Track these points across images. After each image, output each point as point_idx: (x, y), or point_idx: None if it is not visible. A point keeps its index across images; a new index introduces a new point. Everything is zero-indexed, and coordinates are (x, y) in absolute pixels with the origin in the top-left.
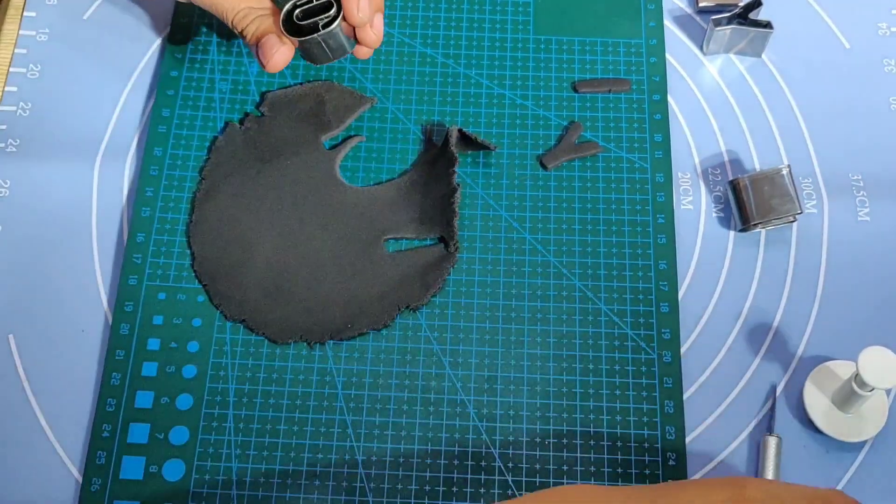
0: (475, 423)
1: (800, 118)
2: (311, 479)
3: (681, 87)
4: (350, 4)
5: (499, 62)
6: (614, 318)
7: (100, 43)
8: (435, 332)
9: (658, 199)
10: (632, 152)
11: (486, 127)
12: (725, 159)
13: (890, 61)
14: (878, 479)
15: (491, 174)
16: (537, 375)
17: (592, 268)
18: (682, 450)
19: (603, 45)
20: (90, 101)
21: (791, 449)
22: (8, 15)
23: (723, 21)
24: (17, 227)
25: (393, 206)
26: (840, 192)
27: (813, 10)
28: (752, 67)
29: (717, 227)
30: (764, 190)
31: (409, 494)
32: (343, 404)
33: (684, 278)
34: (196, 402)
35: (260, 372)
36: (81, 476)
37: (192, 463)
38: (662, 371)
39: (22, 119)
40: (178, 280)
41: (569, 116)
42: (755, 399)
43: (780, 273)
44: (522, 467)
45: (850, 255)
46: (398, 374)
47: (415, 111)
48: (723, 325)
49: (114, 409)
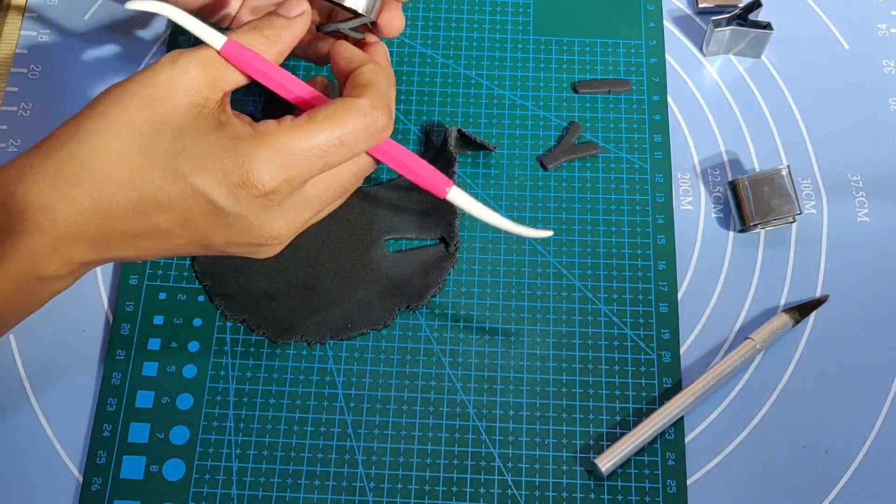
0: (475, 423)
1: (799, 119)
2: (311, 479)
3: (680, 87)
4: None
5: (499, 63)
6: (614, 319)
7: (101, 43)
8: (435, 332)
9: (658, 199)
10: (631, 153)
11: (486, 127)
12: (725, 160)
13: (889, 62)
14: (877, 479)
15: (491, 174)
16: (537, 375)
17: (592, 268)
18: (682, 449)
19: (603, 46)
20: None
21: (790, 448)
22: (8, 15)
23: (722, 22)
24: None
25: (393, 206)
26: (839, 193)
27: (812, 11)
28: (751, 68)
29: (717, 228)
30: (763, 190)
31: (408, 494)
32: (343, 404)
33: (684, 279)
34: (196, 401)
35: (260, 372)
36: (81, 476)
37: (193, 463)
38: (662, 371)
39: (22, 119)
40: (178, 280)
41: (568, 117)
42: (755, 398)
43: (780, 274)
44: (522, 467)
45: (849, 255)
46: (398, 374)
47: (415, 111)
48: (722, 325)
49: (114, 409)
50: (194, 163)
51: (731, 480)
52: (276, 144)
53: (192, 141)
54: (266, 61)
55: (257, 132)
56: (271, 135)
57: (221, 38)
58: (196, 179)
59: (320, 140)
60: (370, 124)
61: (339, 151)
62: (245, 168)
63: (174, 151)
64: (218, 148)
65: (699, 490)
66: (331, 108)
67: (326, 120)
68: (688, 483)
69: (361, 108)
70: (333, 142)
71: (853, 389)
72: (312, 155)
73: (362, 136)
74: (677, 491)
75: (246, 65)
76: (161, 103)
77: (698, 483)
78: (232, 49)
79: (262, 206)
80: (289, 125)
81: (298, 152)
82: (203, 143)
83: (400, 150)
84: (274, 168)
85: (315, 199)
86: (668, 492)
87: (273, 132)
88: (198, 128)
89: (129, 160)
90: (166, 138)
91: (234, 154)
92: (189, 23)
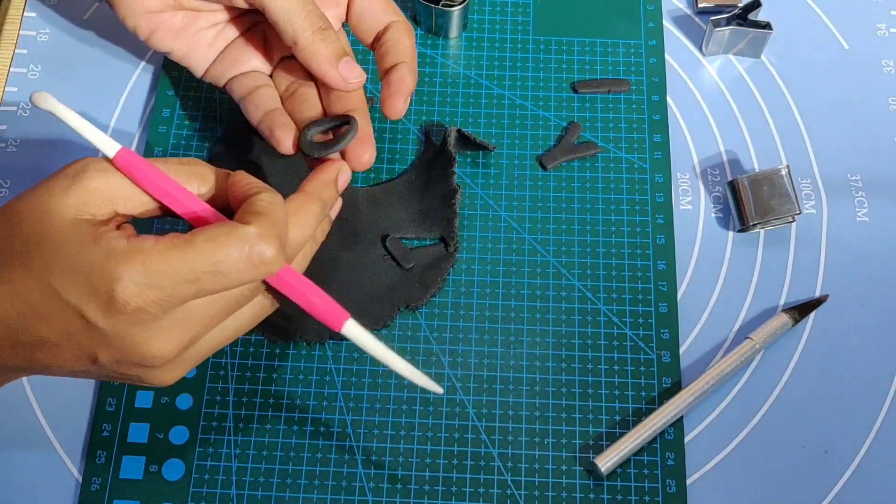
0: (475, 422)
1: (799, 119)
2: (310, 479)
3: (680, 87)
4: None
5: (498, 63)
6: (613, 319)
7: (100, 43)
8: (435, 332)
9: (657, 199)
10: (631, 153)
11: (486, 127)
12: (724, 160)
13: (889, 62)
14: (877, 479)
15: (490, 174)
16: (537, 375)
17: (592, 268)
18: (681, 449)
19: (602, 46)
20: (90, 101)
21: (790, 448)
22: (8, 15)
23: (722, 22)
24: None
25: (392, 206)
26: (839, 193)
27: (812, 10)
28: (751, 68)
29: (716, 228)
30: (763, 190)
31: (408, 494)
32: (343, 404)
33: (683, 278)
34: (196, 401)
35: (260, 372)
36: (81, 476)
37: (192, 463)
38: (661, 371)
39: (22, 119)
40: None
41: (568, 117)
42: (754, 398)
43: (779, 273)
44: (522, 467)
45: (848, 255)
46: (398, 373)
47: (414, 111)
48: (722, 325)
49: (114, 409)
50: (67, 278)
51: (730, 480)
52: (146, 263)
53: (68, 254)
54: (159, 171)
55: (131, 249)
56: (143, 252)
57: (115, 146)
58: (69, 294)
59: (193, 265)
60: (253, 255)
61: (214, 280)
62: (110, 286)
63: (51, 265)
64: (89, 262)
65: (699, 490)
66: (215, 230)
67: (206, 243)
68: (687, 483)
69: (247, 236)
70: (208, 268)
71: (853, 389)
72: (182, 279)
73: (242, 267)
74: (677, 491)
75: (137, 173)
76: (48, 215)
77: (698, 483)
78: (124, 157)
79: (132, 323)
80: (165, 244)
81: (167, 275)
82: (78, 257)
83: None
84: (139, 288)
85: (196, 321)
86: (667, 491)
87: (146, 250)
88: (77, 241)
89: (13, 271)
90: (47, 251)
91: (103, 270)
92: (85, 128)
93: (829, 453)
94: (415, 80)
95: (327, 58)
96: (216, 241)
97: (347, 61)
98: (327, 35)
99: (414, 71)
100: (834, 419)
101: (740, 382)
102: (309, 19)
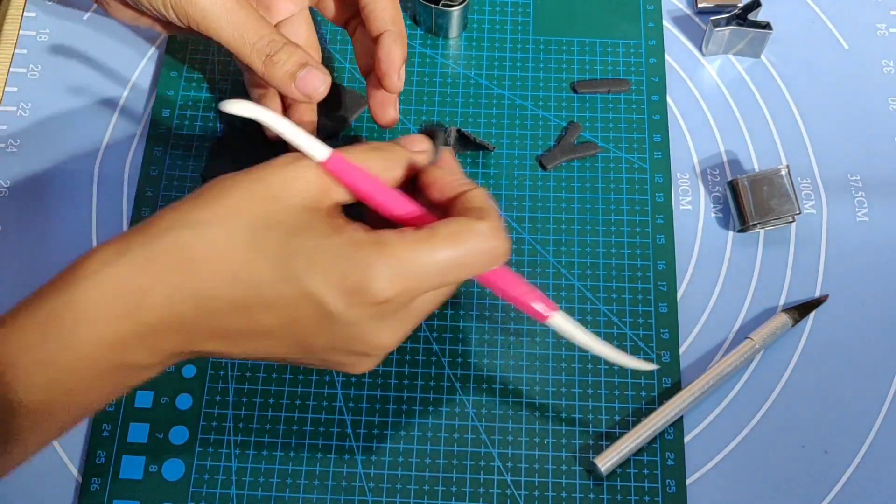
0: (475, 422)
1: (799, 119)
2: (310, 479)
3: (680, 87)
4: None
5: (498, 63)
6: (613, 319)
7: (100, 43)
8: (434, 332)
9: (657, 199)
10: (631, 153)
11: (486, 127)
12: (724, 160)
13: (889, 62)
14: (877, 479)
15: (490, 174)
16: (537, 375)
17: (591, 268)
18: (681, 449)
19: (602, 46)
20: (90, 101)
21: (790, 448)
22: (8, 15)
23: (722, 22)
24: (17, 228)
25: None
26: (839, 193)
27: (812, 10)
28: (751, 68)
29: (716, 228)
30: (763, 190)
31: (408, 494)
32: (343, 404)
33: (683, 279)
34: (196, 401)
35: (260, 372)
36: (81, 476)
37: (192, 463)
38: (661, 371)
39: (22, 119)
40: None
41: (568, 117)
42: (754, 399)
43: (779, 273)
44: (522, 467)
45: (848, 255)
46: (398, 374)
47: (414, 111)
48: (721, 325)
49: (113, 409)
50: (310, 264)
51: (730, 480)
52: (399, 255)
53: (307, 242)
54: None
55: (378, 240)
56: (393, 244)
57: (326, 150)
58: (310, 281)
59: (442, 257)
60: (492, 249)
61: (458, 271)
62: (365, 274)
63: (288, 250)
64: (336, 251)
65: (698, 490)
66: (453, 226)
67: (449, 237)
68: (687, 483)
69: (483, 231)
70: (456, 261)
71: (853, 389)
72: (433, 271)
73: (483, 260)
74: (676, 491)
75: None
76: (274, 201)
77: (698, 483)
78: (336, 162)
79: (373, 314)
80: (412, 238)
81: (420, 266)
82: (320, 246)
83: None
84: (394, 278)
85: (420, 313)
86: (667, 491)
87: (395, 242)
88: (314, 229)
89: (236, 253)
90: (278, 236)
91: (354, 259)
92: (292, 132)
93: (828, 453)
94: (404, 48)
95: (282, 80)
96: (458, 237)
97: (303, 76)
98: (277, 60)
99: (401, 37)
100: (834, 419)
101: (740, 382)
102: (255, 51)
